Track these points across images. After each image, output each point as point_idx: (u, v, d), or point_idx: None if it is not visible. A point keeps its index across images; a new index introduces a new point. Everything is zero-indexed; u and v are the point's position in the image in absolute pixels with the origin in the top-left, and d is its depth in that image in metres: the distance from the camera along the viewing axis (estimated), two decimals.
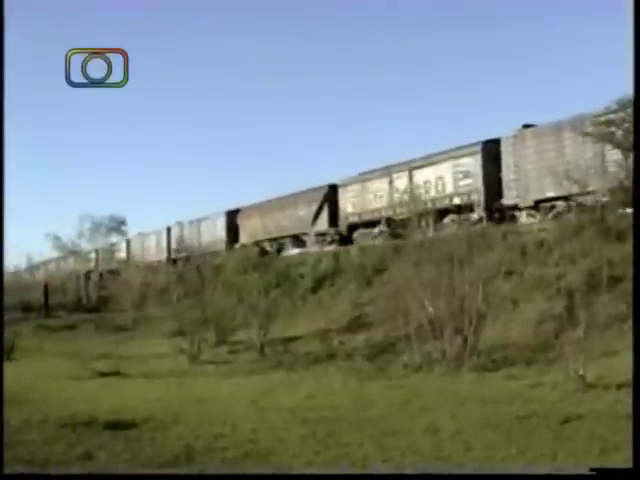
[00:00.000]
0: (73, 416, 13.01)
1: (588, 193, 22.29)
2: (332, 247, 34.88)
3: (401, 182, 31.55)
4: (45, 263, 64.17)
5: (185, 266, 36.96)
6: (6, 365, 26.65)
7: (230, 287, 28.31)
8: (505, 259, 21.37)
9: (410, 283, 20.25)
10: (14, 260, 68.19)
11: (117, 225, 52.59)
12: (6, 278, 59.58)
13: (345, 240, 34.64)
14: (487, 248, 21.70)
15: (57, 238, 53.61)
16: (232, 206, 45.44)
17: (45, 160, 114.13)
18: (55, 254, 58.54)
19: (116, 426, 12.06)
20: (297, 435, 11.17)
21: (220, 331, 27.32)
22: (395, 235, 28.50)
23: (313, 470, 8.82)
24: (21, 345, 30.36)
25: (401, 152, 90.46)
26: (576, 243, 21.35)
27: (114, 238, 54.05)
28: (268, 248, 40.80)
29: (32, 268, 64.46)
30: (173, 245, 49.53)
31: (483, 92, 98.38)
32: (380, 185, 33.14)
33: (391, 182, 32.31)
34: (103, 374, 21.50)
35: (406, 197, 29.61)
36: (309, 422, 12.23)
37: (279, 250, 40.03)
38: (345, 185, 35.70)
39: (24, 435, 11.57)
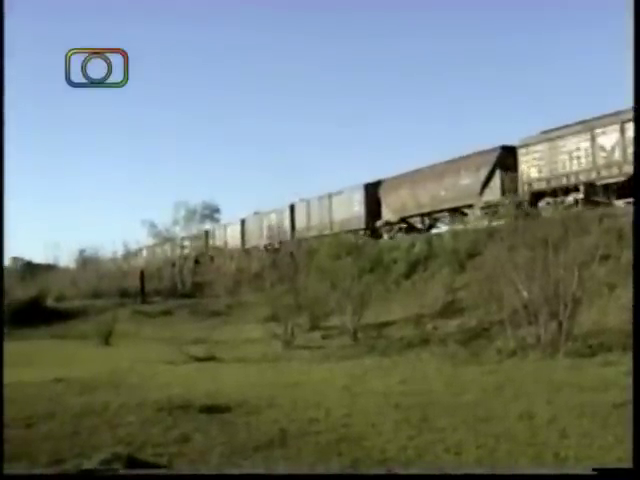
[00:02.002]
0: (169, 400, 13.22)
1: None
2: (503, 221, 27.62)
3: (608, 138, 26.73)
4: (141, 250, 65.26)
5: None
6: (105, 350, 27.74)
7: (323, 272, 28.39)
8: (601, 243, 20.80)
9: (504, 267, 20.02)
10: (112, 247, 70.02)
11: (210, 212, 53.42)
12: (105, 265, 61.47)
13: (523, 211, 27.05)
14: (582, 231, 21.18)
15: (153, 225, 54.54)
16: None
17: (141, 150, 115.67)
18: (151, 241, 59.48)
19: (211, 410, 12.20)
20: (390, 420, 11.14)
21: (313, 316, 27.50)
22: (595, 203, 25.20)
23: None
24: (119, 330, 31.27)
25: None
26: None
27: (207, 225, 54.73)
28: (418, 225, 37.51)
29: (129, 255, 65.64)
30: (298, 225, 45.57)
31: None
32: (577, 143, 28.06)
33: (593, 139, 27.31)
34: (198, 359, 21.86)
35: (617, 156, 26.42)
36: (402, 407, 12.19)
37: (430, 226, 36.95)
38: (527, 145, 30.42)
39: (123, 418, 11.83)
